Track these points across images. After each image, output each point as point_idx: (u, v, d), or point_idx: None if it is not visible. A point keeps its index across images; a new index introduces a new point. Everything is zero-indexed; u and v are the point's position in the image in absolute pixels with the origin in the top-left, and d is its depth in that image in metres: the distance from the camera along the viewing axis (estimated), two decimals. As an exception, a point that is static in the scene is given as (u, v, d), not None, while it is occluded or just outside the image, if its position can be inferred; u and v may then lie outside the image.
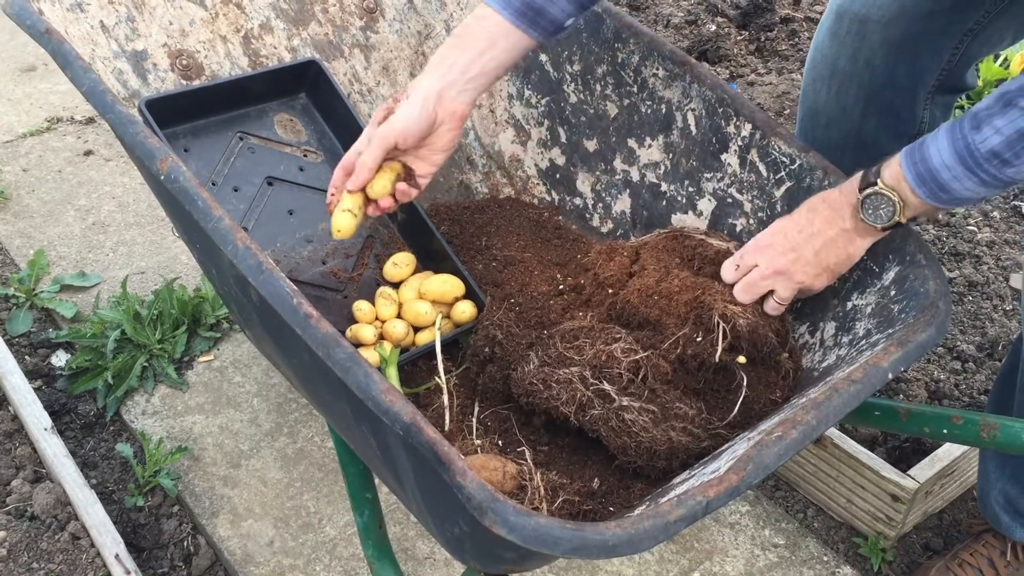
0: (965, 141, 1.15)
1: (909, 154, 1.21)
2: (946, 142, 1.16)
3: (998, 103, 1.13)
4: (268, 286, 1.12)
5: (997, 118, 1.12)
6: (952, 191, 1.18)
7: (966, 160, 1.15)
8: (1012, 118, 1.11)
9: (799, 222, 1.32)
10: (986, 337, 2.23)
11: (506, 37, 1.34)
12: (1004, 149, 1.12)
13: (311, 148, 1.70)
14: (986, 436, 1.23)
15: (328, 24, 1.79)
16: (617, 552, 0.92)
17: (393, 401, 1.00)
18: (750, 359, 1.37)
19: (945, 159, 1.16)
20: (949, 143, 1.16)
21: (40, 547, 1.67)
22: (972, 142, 1.14)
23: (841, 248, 1.30)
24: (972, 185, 1.16)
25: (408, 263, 1.64)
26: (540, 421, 1.41)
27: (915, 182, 1.19)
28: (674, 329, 1.39)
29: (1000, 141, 1.12)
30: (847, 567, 1.77)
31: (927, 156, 1.18)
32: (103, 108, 1.30)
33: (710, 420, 1.33)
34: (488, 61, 1.35)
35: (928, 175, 1.18)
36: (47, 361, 2.16)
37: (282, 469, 1.91)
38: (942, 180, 1.17)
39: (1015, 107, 1.11)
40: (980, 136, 1.13)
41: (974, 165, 1.15)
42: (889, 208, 1.23)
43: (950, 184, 1.17)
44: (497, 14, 1.33)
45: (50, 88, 3.21)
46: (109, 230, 2.56)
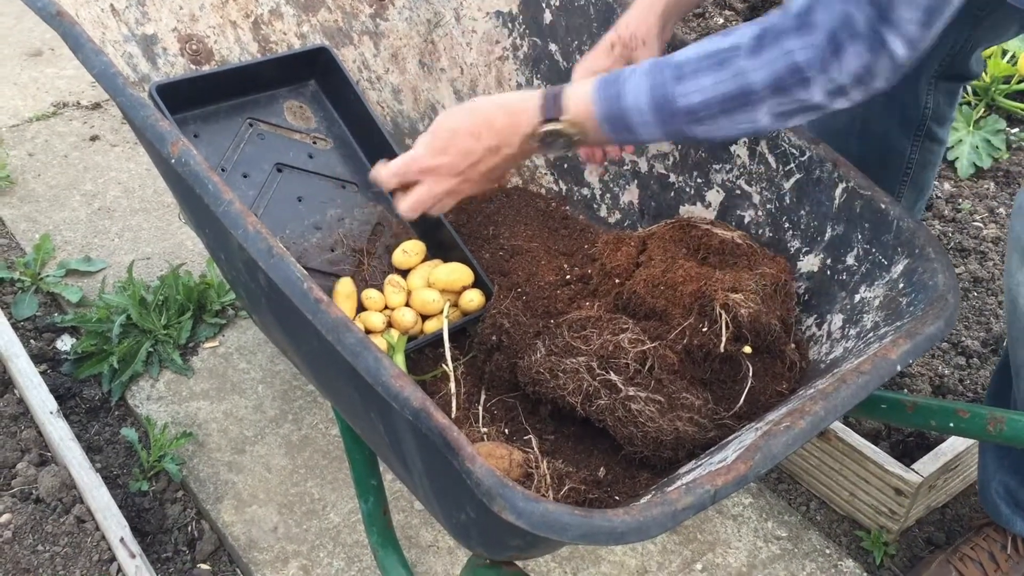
0: (664, 89, 1.11)
1: (603, 87, 1.16)
2: (645, 86, 1.12)
3: (710, 59, 1.09)
4: (278, 270, 1.12)
5: (705, 75, 1.09)
6: (637, 134, 1.15)
7: (661, 109, 1.11)
8: (720, 79, 1.08)
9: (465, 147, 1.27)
10: (991, 333, 2.23)
11: None
12: (702, 109, 1.09)
13: (320, 135, 1.70)
14: (993, 430, 1.23)
15: (338, 11, 1.79)
16: (625, 539, 0.92)
17: (403, 386, 1.00)
18: (755, 349, 1.37)
19: (640, 102, 1.12)
20: (647, 87, 1.12)
21: (45, 530, 1.67)
22: (671, 93, 1.11)
23: (505, 168, 1.29)
24: (659, 133, 1.14)
25: (418, 251, 1.64)
26: (546, 410, 1.41)
27: (603, 118, 1.16)
28: (680, 319, 1.39)
29: (700, 100, 1.09)
30: (849, 560, 1.77)
31: (622, 94, 1.14)
32: (114, 91, 1.30)
33: (716, 410, 1.34)
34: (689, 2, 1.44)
35: (619, 114, 1.14)
36: (52, 345, 2.16)
37: (287, 455, 1.92)
38: (630, 122, 1.14)
39: (727, 68, 1.07)
40: (682, 89, 1.10)
41: (668, 115, 1.11)
42: (566, 143, 1.20)
43: (637, 128, 1.14)
44: None
45: (56, 73, 3.21)
46: (115, 215, 2.56)
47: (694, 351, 1.36)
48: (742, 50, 1.07)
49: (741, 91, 1.08)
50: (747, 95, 1.08)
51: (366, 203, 1.69)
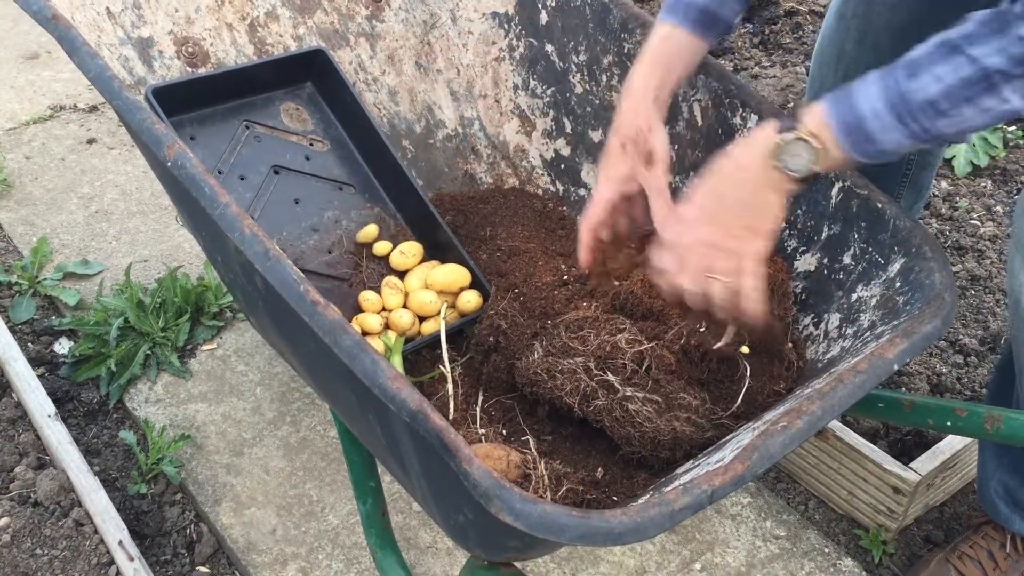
0: (899, 88, 1.08)
1: (835, 100, 1.14)
2: (877, 88, 1.10)
3: (940, 49, 1.07)
4: (275, 273, 1.12)
5: (939, 65, 1.06)
6: (878, 143, 1.11)
7: (898, 108, 1.08)
8: (956, 65, 1.05)
9: (708, 186, 1.22)
10: (988, 331, 2.23)
11: (691, 48, 1.42)
12: (942, 99, 1.06)
13: (317, 137, 1.70)
14: (990, 428, 1.23)
15: (334, 13, 1.79)
16: (623, 540, 0.92)
17: (400, 388, 1.00)
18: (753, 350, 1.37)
19: (876, 106, 1.10)
20: (881, 90, 1.10)
21: (43, 533, 1.67)
22: (907, 90, 1.08)
23: (756, 206, 1.20)
24: (899, 137, 1.10)
25: (415, 252, 1.64)
26: (544, 411, 1.41)
27: (840, 130, 1.13)
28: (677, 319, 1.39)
29: (939, 89, 1.06)
30: (848, 559, 1.77)
31: (855, 103, 1.11)
32: (110, 94, 1.30)
33: (714, 410, 1.34)
34: (681, 74, 1.43)
35: (855, 123, 1.12)
36: (50, 348, 2.16)
37: (285, 458, 1.92)
38: (869, 129, 1.11)
39: (961, 54, 1.05)
40: (917, 83, 1.07)
41: (906, 114, 1.08)
42: (810, 155, 1.15)
43: (877, 134, 1.11)
44: (679, 29, 1.40)
45: (53, 76, 3.20)
46: (112, 218, 2.56)
47: (691, 351, 1.36)
48: (974, 37, 1.05)
49: (981, 75, 1.05)
50: (987, 78, 1.05)
51: (363, 205, 1.69)
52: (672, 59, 1.41)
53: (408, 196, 1.68)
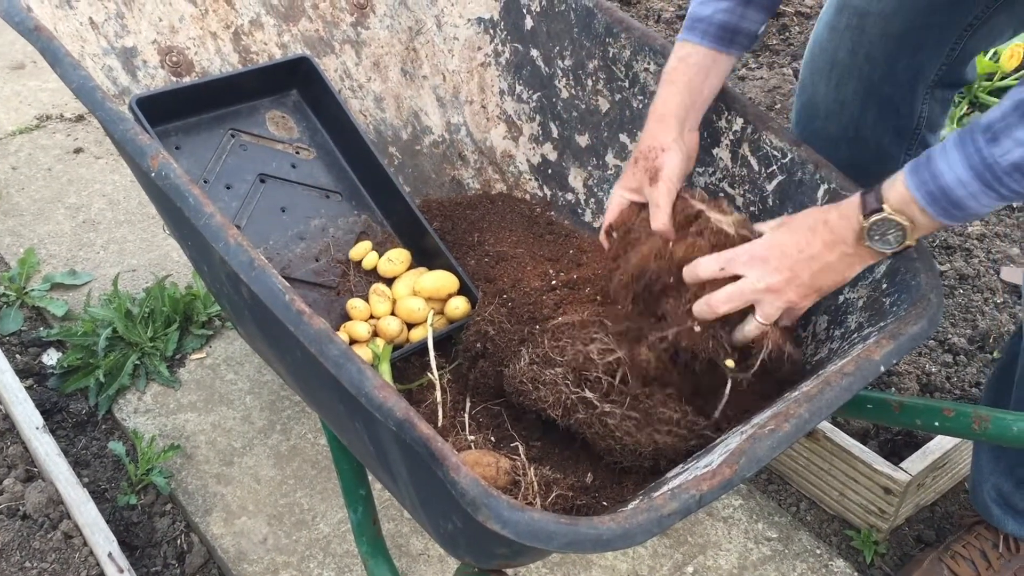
0: (981, 155, 1.07)
1: (915, 172, 1.13)
2: (959, 157, 1.09)
3: (1016, 112, 1.06)
4: (260, 283, 1.12)
5: (1018, 129, 1.05)
6: (967, 208, 1.11)
7: (984, 176, 1.08)
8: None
9: (798, 242, 1.23)
10: (977, 330, 2.24)
11: (714, 64, 1.44)
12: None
13: (303, 145, 1.70)
14: (978, 428, 1.23)
15: (319, 20, 1.78)
16: (611, 546, 0.92)
17: (386, 397, 1.00)
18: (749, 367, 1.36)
19: (960, 176, 1.09)
20: (962, 159, 1.09)
21: (32, 546, 1.66)
22: (990, 155, 1.07)
23: (839, 272, 1.23)
24: (989, 201, 1.10)
25: (403, 259, 1.63)
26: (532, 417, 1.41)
27: (926, 202, 1.12)
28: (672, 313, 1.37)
29: (1022, 153, 1.05)
30: (840, 560, 1.77)
31: (938, 174, 1.11)
32: (93, 105, 1.30)
33: (696, 422, 1.32)
34: (706, 90, 1.45)
35: (940, 194, 1.11)
36: (38, 360, 2.15)
37: (275, 466, 1.91)
38: (957, 198, 1.10)
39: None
40: (1000, 149, 1.06)
41: (993, 180, 1.07)
42: (899, 233, 1.16)
43: (966, 201, 1.10)
44: (698, 47, 1.42)
45: (39, 86, 3.20)
46: (100, 228, 2.55)
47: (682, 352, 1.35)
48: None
49: None
50: None
51: (350, 212, 1.69)
52: (693, 78, 1.43)
53: (395, 203, 1.67)
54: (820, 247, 1.22)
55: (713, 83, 1.45)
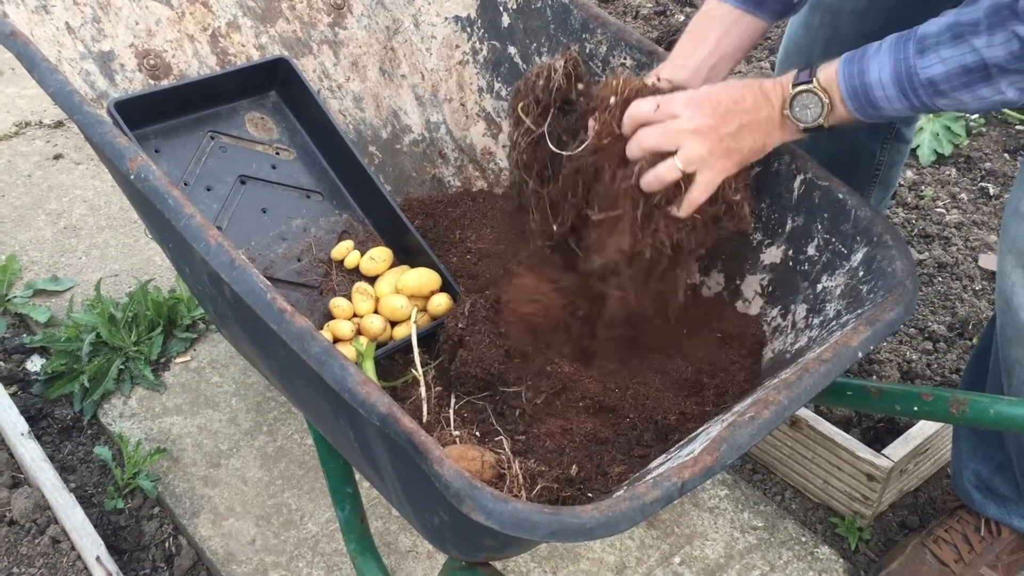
0: (907, 63, 1.13)
1: (849, 62, 1.19)
2: (888, 60, 1.15)
3: (947, 32, 1.11)
4: (241, 282, 1.12)
5: (945, 48, 1.11)
6: (880, 109, 1.17)
7: (903, 83, 1.14)
8: (960, 52, 1.10)
9: (733, 95, 1.26)
10: (956, 317, 2.26)
11: (736, 23, 1.42)
12: (943, 80, 1.11)
13: (283, 146, 1.70)
14: (956, 412, 1.25)
15: (296, 21, 1.79)
16: (594, 535, 0.93)
17: (369, 393, 1.01)
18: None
19: (883, 77, 1.15)
20: (890, 62, 1.15)
21: (20, 552, 1.66)
22: (913, 66, 1.13)
23: (760, 135, 1.27)
24: (901, 107, 1.16)
25: (385, 258, 1.64)
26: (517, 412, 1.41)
27: (847, 94, 1.19)
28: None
29: (941, 72, 1.11)
30: (825, 547, 1.79)
31: (865, 70, 1.17)
32: (71, 109, 1.30)
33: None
34: (725, 46, 1.43)
35: (862, 90, 1.17)
36: (22, 366, 2.15)
37: (262, 467, 1.91)
38: (873, 97, 1.17)
39: (965, 42, 1.09)
40: (923, 62, 1.12)
41: (909, 89, 1.14)
42: (817, 109, 1.21)
43: (880, 102, 1.17)
44: (723, 3, 1.42)
45: (17, 92, 3.18)
46: (81, 233, 2.55)
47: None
48: (979, 26, 1.08)
49: (979, 65, 1.09)
50: (985, 69, 1.09)
51: (331, 212, 1.70)
52: (710, 31, 1.42)
53: (376, 201, 1.68)
54: (751, 103, 1.25)
55: (734, 40, 1.43)
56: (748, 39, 1.44)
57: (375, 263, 1.63)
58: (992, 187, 2.73)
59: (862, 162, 1.82)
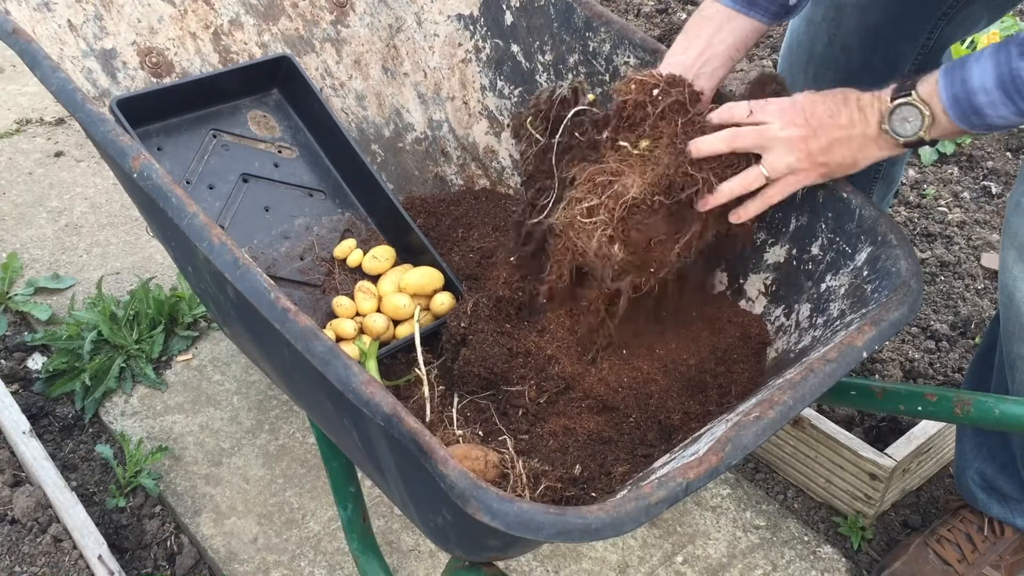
0: (1010, 66, 1.10)
1: (949, 72, 1.17)
2: (990, 65, 1.12)
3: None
4: (245, 281, 1.12)
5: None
6: (985, 116, 1.14)
7: (1006, 86, 1.11)
8: None
9: (829, 107, 1.25)
10: (959, 316, 2.26)
11: (728, 21, 1.41)
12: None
13: (285, 144, 1.70)
14: (960, 412, 1.25)
15: (298, 19, 1.78)
16: (600, 535, 0.93)
17: (373, 392, 1.01)
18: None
19: (986, 82, 1.12)
20: (993, 66, 1.12)
21: (22, 550, 1.66)
22: (1016, 68, 1.10)
23: (851, 151, 1.25)
24: (1007, 113, 1.13)
25: (387, 257, 1.64)
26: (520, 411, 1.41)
27: (949, 102, 1.16)
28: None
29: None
30: (827, 546, 1.79)
31: (967, 77, 1.14)
32: (73, 107, 1.29)
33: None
34: (717, 44, 1.41)
35: (964, 97, 1.14)
36: (23, 364, 2.14)
37: (264, 466, 1.91)
38: (977, 103, 1.14)
39: None
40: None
41: (1014, 91, 1.11)
42: (917, 122, 1.19)
43: (984, 108, 1.14)
44: (716, 3, 1.41)
45: (18, 90, 3.18)
46: (82, 231, 2.54)
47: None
48: None
49: None
50: None
51: (334, 211, 1.69)
52: (703, 30, 1.42)
53: (379, 200, 1.68)
54: (846, 119, 1.23)
55: (727, 39, 1.41)
56: (742, 39, 1.42)
57: (378, 262, 1.63)
58: (994, 186, 2.73)
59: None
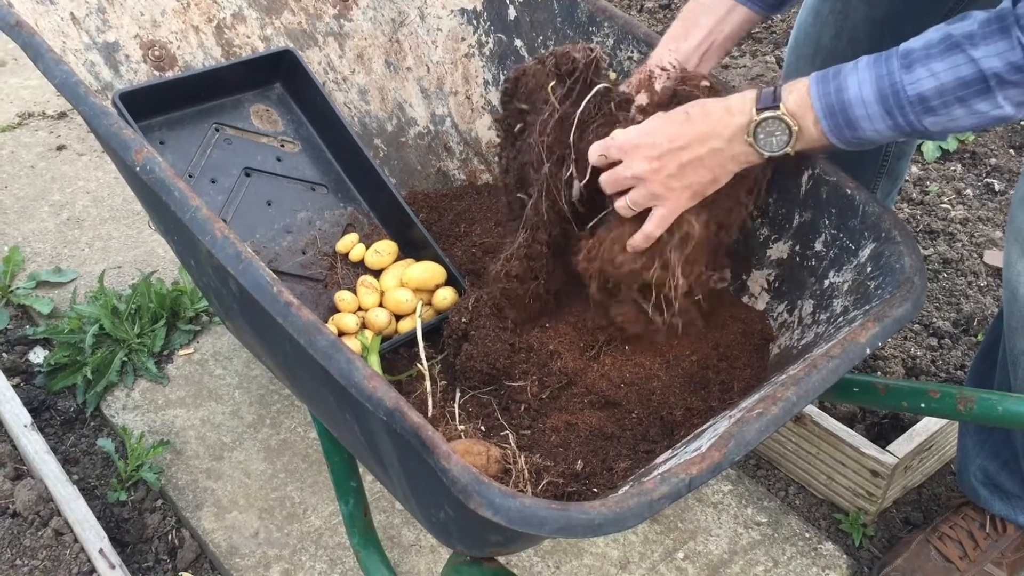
0: (892, 79, 1.06)
1: (822, 81, 1.11)
2: (869, 76, 1.07)
3: (939, 45, 1.04)
4: (248, 275, 1.12)
5: (936, 61, 1.04)
6: (860, 130, 1.10)
7: (887, 100, 1.06)
8: (954, 63, 1.03)
9: (671, 132, 1.21)
10: (961, 313, 2.26)
11: (729, 12, 1.39)
12: (934, 96, 1.04)
13: (288, 138, 1.70)
14: (963, 409, 1.24)
15: (301, 13, 1.78)
16: (602, 531, 0.92)
17: (376, 387, 1.00)
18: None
19: (865, 95, 1.07)
20: (872, 78, 1.07)
21: (23, 544, 1.66)
22: (900, 82, 1.05)
23: (709, 170, 1.21)
24: (884, 128, 1.08)
25: (390, 251, 1.64)
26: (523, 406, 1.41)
27: (823, 113, 1.11)
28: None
29: (933, 86, 1.04)
30: (829, 543, 1.79)
31: (843, 87, 1.09)
32: (76, 100, 1.29)
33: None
34: (716, 35, 1.40)
35: (839, 108, 1.10)
36: (25, 358, 2.14)
37: (265, 460, 1.91)
38: (853, 116, 1.09)
39: (961, 54, 1.02)
40: (911, 76, 1.05)
41: (895, 107, 1.06)
42: (784, 137, 1.14)
43: (860, 122, 1.09)
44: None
45: (20, 83, 3.17)
46: (84, 225, 2.54)
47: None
48: (975, 37, 1.02)
49: (977, 77, 1.02)
50: (984, 81, 1.02)
51: (336, 205, 1.69)
52: (700, 15, 1.40)
53: (381, 195, 1.67)
54: (691, 138, 1.20)
55: (725, 30, 1.40)
56: (739, 30, 1.42)
57: (380, 256, 1.63)
58: (997, 183, 2.72)
59: (869, 153, 1.81)
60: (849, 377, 1.35)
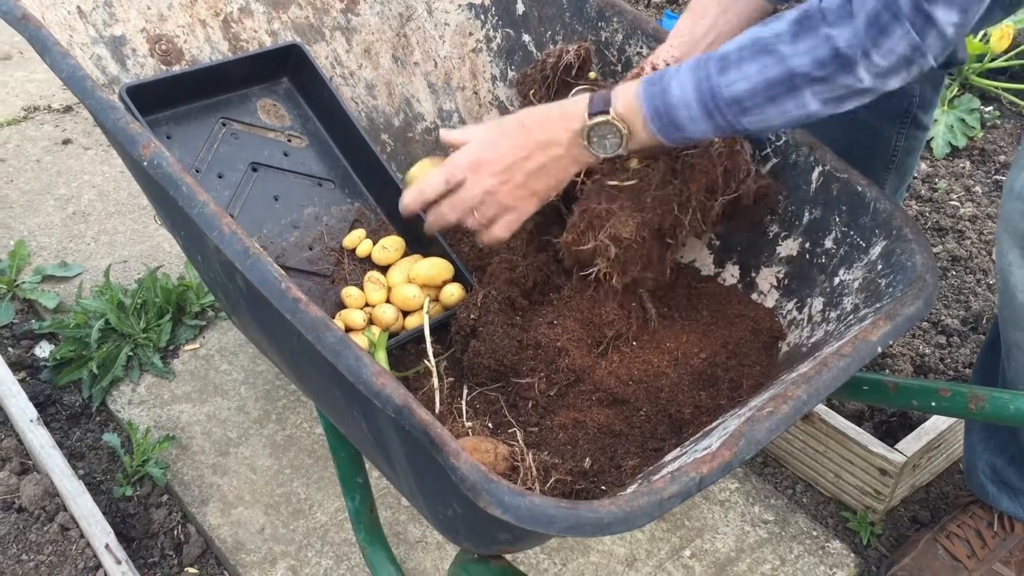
0: (710, 82, 1.11)
1: (649, 84, 1.16)
2: (689, 79, 1.12)
3: (750, 48, 1.09)
4: (255, 271, 1.11)
5: (747, 63, 1.09)
6: (685, 131, 1.14)
7: (706, 102, 1.11)
8: (764, 65, 1.07)
9: (513, 144, 1.25)
10: (970, 311, 2.25)
11: (735, 2, 1.41)
12: (747, 97, 1.09)
13: (295, 133, 1.69)
14: (974, 408, 1.23)
15: (308, 7, 1.77)
16: (612, 530, 0.92)
17: (384, 384, 1.00)
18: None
19: (687, 97, 1.12)
20: (692, 81, 1.12)
21: (29, 539, 1.66)
22: (716, 84, 1.10)
23: (553, 175, 1.26)
24: (707, 128, 1.13)
25: (397, 247, 1.63)
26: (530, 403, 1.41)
27: (650, 115, 1.15)
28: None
29: (745, 88, 1.09)
30: (836, 541, 1.78)
31: (667, 90, 1.14)
32: (83, 94, 1.29)
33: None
34: (723, 25, 1.41)
35: (664, 110, 1.14)
36: (31, 352, 2.14)
37: (271, 456, 1.91)
38: (677, 118, 1.14)
39: (769, 55, 1.07)
40: (726, 80, 1.10)
41: (714, 108, 1.11)
42: (616, 139, 1.19)
43: (685, 123, 1.14)
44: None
45: (26, 76, 3.17)
46: (90, 219, 2.54)
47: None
48: (783, 36, 1.06)
49: (785, 77, 1.07)
50: (791, 80, 1.07)
51: (343, 200, 1.68)
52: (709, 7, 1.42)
53: (388, 190, 1.67)
54: (533, 147, 1.24)
55: (732, 20, 1.41)
56: (747, 20, 1.42)
57: (387, 252, 1.62)
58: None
59: (878, 148, 1.80)
60: (859, 375, 1.34)
